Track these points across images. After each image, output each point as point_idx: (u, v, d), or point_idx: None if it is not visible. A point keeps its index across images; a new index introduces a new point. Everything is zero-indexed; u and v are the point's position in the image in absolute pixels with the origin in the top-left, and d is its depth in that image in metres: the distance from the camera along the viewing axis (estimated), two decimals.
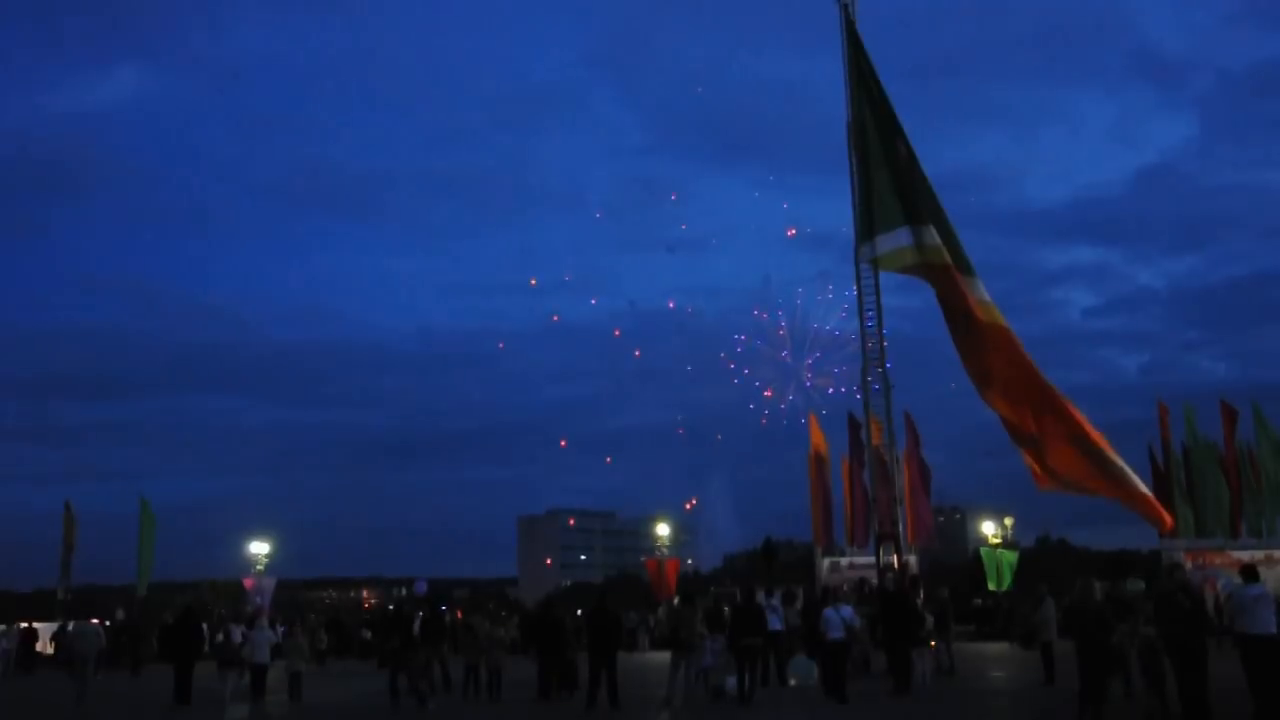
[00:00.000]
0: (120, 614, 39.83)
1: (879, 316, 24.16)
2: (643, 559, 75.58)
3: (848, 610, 19.47)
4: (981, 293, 19.11)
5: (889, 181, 21.65)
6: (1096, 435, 17.14)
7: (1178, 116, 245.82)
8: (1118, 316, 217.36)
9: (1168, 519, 18.50)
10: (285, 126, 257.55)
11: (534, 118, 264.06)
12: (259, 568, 46.86)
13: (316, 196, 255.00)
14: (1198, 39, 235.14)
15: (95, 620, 37.42)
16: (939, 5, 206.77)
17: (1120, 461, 17.07)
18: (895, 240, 21.33)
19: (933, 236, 20.11)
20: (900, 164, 21.43)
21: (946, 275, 19.57)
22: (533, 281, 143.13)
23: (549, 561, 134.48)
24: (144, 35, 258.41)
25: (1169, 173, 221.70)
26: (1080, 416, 17.32)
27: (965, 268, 19.48)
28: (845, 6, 24.18)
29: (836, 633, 18.57)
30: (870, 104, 22.42)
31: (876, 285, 23.92)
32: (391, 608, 36.50)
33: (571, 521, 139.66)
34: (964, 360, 18.88)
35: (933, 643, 20.45)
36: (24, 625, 37.24)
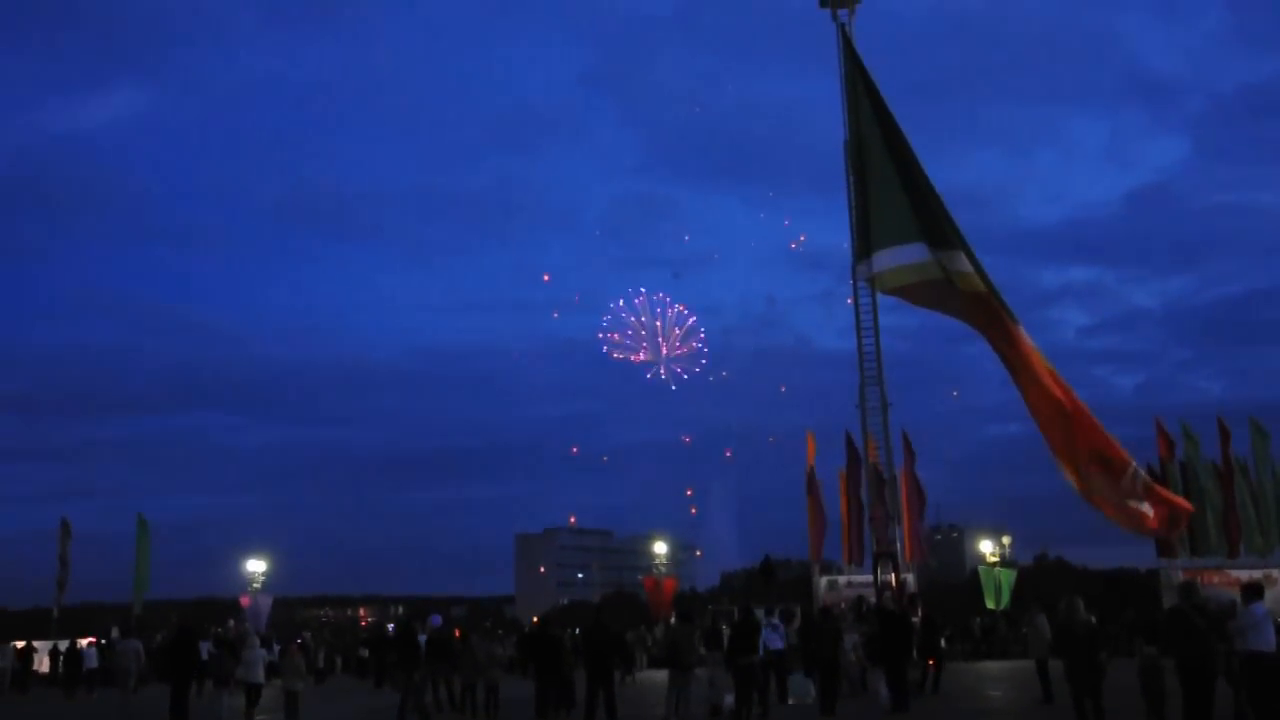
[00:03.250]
0: (115, 632, 39.69)
1: (876, 336, 24.22)
2: (640, 577, 75.51)
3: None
4: (1028, 338, 17.89)
5: (898, 197, 20.87)
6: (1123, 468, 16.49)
7: (1170, 137, 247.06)
8: (1112, 336, 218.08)
9: (1187, 506, 18.15)
10: (283, 146, 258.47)
11: (532, 138, 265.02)
12: (255, 585, 46.81)
13: (314, 216, 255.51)
14: (1189, 61, 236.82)
15: (92, 639, 37.43)
16: (933, 26, 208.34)
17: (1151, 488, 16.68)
18: (899, 257, 20.70)
19: (962, 263, 19.01)
20: (916, 181, 20.80)
21: (981, 304, 18.51)
22: (545, 277, 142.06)
23: (542, 570, 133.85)
24: (142, 56, 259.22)
25: (1162, 193, 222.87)
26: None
27: (1010, 314, 18.14)
28: (843, 25, 24.33)
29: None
30: (878, 120, 21.91)
31: (874, 306, 23.96)
32: (398, 625, 36.22)
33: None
34: (1034, 417, 17.25)
35: None
36: (19, 645, 37.06)
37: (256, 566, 47.17)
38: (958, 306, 19.37)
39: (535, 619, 48.76)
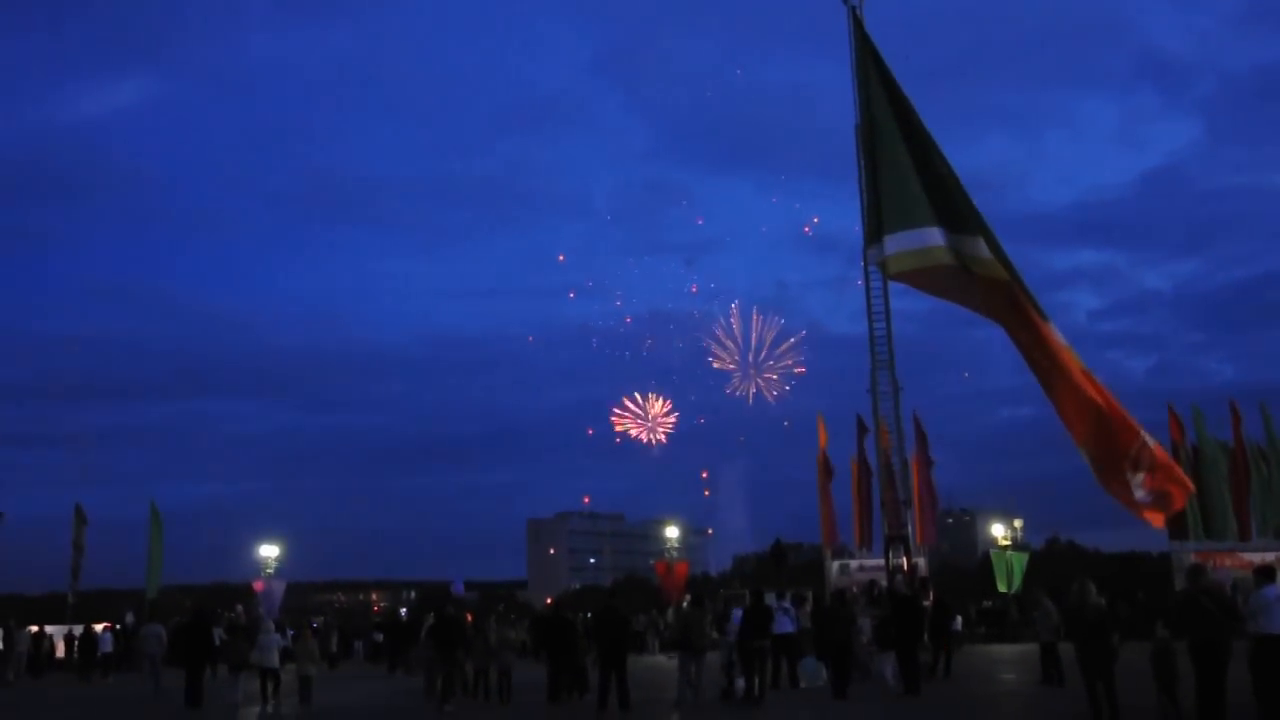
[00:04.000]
0: (130, 617, 39.98)
1: (887, 320, 24.17)
2: (652, 562, 75.71)
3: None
4: (1059, 335, 17.17)
5: (911, 181, 20.50)
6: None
7: (1182, 119, 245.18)
8: (1124, 319, 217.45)
9: (1188, 485, 17.90)
10: (294, 133, 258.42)
11: (541, 124, 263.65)
12: (269, 571, 47.10)
13: (325, 202, 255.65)
14: (1202, 42, 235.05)
15: (105, 624, 37.68)
16: (943, 9, 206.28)
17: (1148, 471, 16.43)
18: (910, 240, 20.41)
19: (981, 249, 18.49)
20: (933, 165, 20.39)
21: (1002, 292, 17.90)
22: (560, 258, 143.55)
23: (553, 552, 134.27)
24: (151, 42, 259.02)
25: (1174, 175, 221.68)
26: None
27: (1039, 310, 17.43)
28: (854, 8, 24.18)
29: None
30: (891, 103, 21.59)
31: (885, 290, 23.90)
32: (438, 608, 36.12)
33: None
34: (1069, 426, 16.46)
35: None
36: (34, 629, 37.37)
37: (269, 552, 47.48)
38: (972, 293, 19.03)
39: (549, 601, 49.02)
